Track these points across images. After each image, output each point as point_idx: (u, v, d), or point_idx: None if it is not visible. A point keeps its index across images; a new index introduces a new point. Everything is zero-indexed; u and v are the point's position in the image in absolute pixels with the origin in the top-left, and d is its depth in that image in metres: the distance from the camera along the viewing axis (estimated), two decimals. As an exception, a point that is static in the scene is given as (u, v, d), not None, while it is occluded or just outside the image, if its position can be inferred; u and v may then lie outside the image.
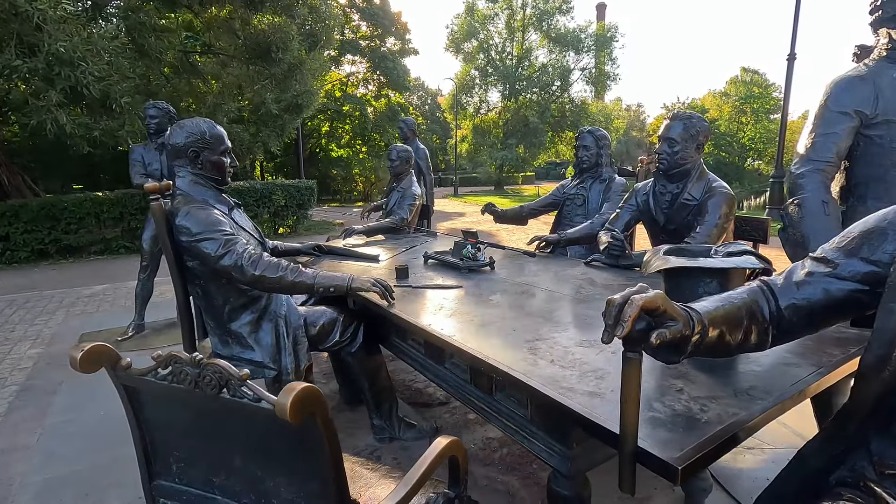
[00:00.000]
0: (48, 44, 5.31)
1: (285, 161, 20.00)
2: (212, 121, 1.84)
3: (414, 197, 3.57)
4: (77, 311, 4.55)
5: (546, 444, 1.26)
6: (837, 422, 0.80)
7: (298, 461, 0.69)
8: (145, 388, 0.79)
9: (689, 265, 1.08)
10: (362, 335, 2.06)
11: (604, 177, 2.96)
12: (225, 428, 0.75)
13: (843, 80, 1.58)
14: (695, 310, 0.80)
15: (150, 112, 3.69)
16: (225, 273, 1.67)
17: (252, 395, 0.67)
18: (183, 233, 1.66)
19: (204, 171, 1.79)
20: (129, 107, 6.43)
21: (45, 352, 3.49)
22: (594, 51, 31.44)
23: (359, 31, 22.16)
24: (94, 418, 2.49)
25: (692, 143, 2.11)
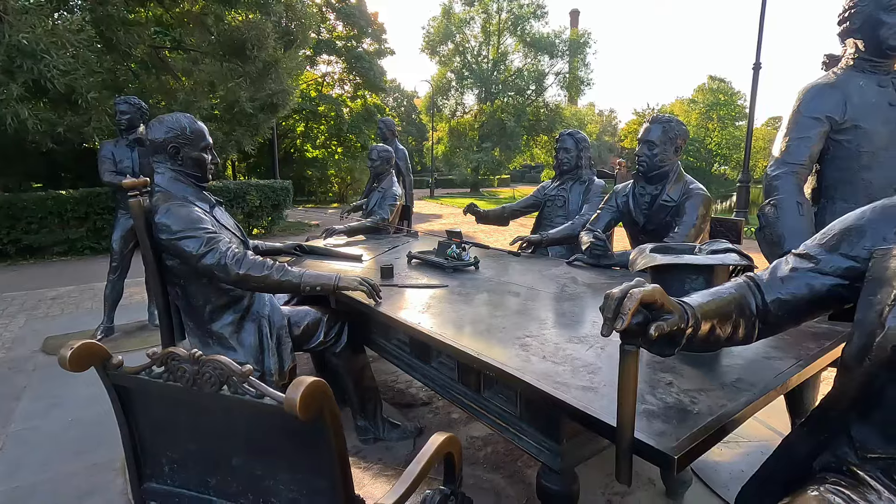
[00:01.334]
0: (9, 35, 5.08)
1: (259, 161, 19.60)
2: (192, 116, 1.79)
3: (395, 197, 3.56)
4: (40, 314, 4.35)
5: (535, 440, 1.27)
6: (821, 410, 0.84)
7: (303, 458, 0.68)
8: (138, 387, 0.76)
9: (676, 262, 1.12)
10: (347, 335, 2.04)
11: (584, 179, 3.01)
12: (223, 426, 0.73)
13: (814, 88, 1.66)
14: (688, 304, 0.82)
15: (120, 108, 3.56)
16: (207, 272, 1.63)
17: (255, 391, 0.65)
18: (163, 231, 1.61)
19: (184, 167, 1.74)
20: (95, 102, 6.22)
21: (5, 357, 3.33)
22: (568, 56, 32.01)
23: (335, 31, 21.94)
24: (60, 425, 2.39)
25: (671, 145, 2.17)
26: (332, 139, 22.29)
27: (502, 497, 1.83)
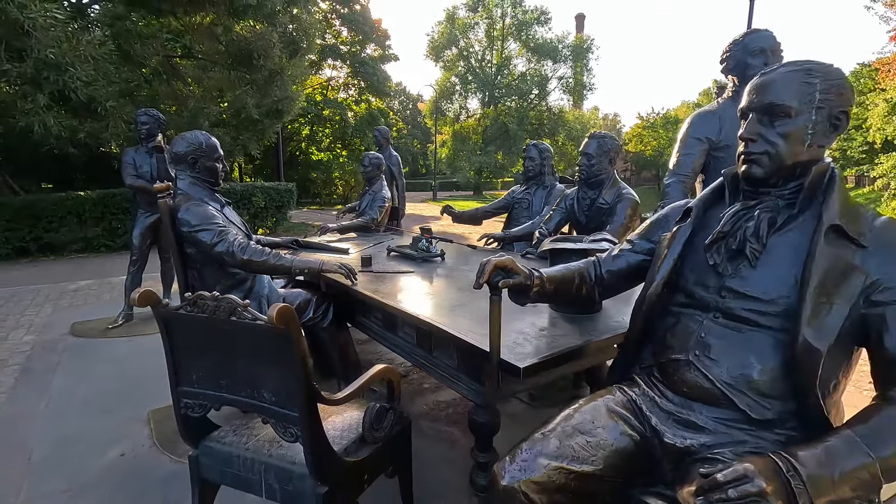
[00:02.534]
0: (37, 49, 5.57)
1: (265, 164, 20.11)
2: (207, 133, 2.23)
3: (384, 200, 3.98)
4: (64, 304, 4.81)
5: (467, 384, 1.68)
6: (626, 341, 1.24)
7: (280, 359, 1.09)
8: (176, 319, 1.19)
9: (560, 247, 1.53)
10: (332, 313, 2.47)
11: (546, 184, 3.42)
12: (230, 343, 1.15)
13: (699, 114, 2.07)
14: (539, 270, 1.24)
15: (141, 119, 4.01)
16: (218, 258, 2.06)
17: (251, 316, 1.08)
18: (184, 224, 2.04)
19: (201, 174, 2.18)
20: (113, 110, 6.69)
21: (39, 338, 3.78)
22: (571, 61, 32.36)
23: (339, 37, 22.46)
24: (91, 392, 2.82)
25: (605, 157, 2.58)
26: (337, 142, 22.81)
27: (456, 444, 2.24)
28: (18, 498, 1.88)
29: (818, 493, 0.78)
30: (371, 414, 1.36)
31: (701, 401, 1.04)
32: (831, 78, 1.00)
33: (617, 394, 1.15)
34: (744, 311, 1.01)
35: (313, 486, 1.19)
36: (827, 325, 0.91)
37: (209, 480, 1.36)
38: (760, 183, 1.06)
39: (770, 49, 1.93)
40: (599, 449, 1.03)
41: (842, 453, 0.82)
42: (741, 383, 0.99)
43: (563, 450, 1.02)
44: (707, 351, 1.04)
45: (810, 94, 0.99)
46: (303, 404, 1.11)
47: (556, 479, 0.99)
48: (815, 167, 1.01)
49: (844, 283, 0.93)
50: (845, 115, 1.01)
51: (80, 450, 2.21)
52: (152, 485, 1.95)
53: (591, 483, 1.01)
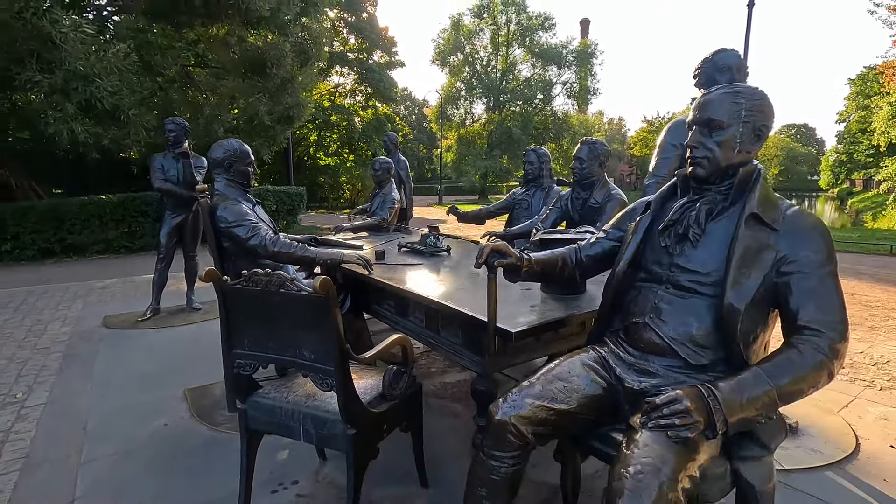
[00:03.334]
0: (67, 61, 5.93)
1: (275, 168, 20.52)
2: (241, 141, 2.53)
3: (394, 201, 4.27)
4: (94, 300, 5.12)
5: (470, 358, 1.95)
6: (601, 309, 1.51)
7: (318, 323, 1.37)
8: (234, 292, 1.47)
9: (548, 237, 1.81)
10: (349, 302, 2.75)
11: (545, 186, 3.69)
12: (279, 311, 1.43)
13: (675, 123, 2.34)
14: (528, 254, 1.51)
15: (169, 127, 4.32)
16: (252, 250, 2.34)
17: (297, 288, 1.36)
18: (222, 221, 2.33)
19: (235, 177, 2.47)
20: (135, 117, 7.04)
21: (75, 329, 4.09)
22: (575, 66, 32.64)
23: (347, 44, 22.90)
24: (130, 374, 3.11)
25: (595, 161, 2.85)
26: (344, 147, 23.20)
27: (459, 416, 2.51)
28: (80, 458, 2.16)
29: (730, 412, 1.05)
30: (389, 374, 1.64)
31: (654, 353, 1.30)
32: (754, 98, 1.27)
33: (590, 352, 1.42)
34: (687, 282, 1.28)
35: (344, 429, 1.46)
36: (745, 289, 1.18)
37: (255, 430, 1.64)
38: (703, 181, 1.33)
39: (735, 67, 2.19)
40: (574, 392, 1.30)
41: (749, 383, 1.09)
42: (683, 338, 1.26)
43: (545, 392, 1.28)
44: (659, 314, 1.31)
45: (738, 111, 1.26)
46: (337, 360, 1.38)
47: (539, 414, 1.25)
48: (742, 168, 1.28)
49: (760, 258, 1.20)
50: (766, 128, 1.28)
51: (126, 421, 2.50)
52: (194, 449, 2.23)
53: (567, 418, 1.28)
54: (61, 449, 2.24)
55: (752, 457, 1.19)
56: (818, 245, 1.19)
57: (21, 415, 2.56)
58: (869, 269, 6.54)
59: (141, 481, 1.99)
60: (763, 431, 1.18)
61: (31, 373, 3.14)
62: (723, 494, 1.21)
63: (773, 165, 57.61)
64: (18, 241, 7.57)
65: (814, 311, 1.15)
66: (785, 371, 1.10)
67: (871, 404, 2.58)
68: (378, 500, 1.85)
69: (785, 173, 63.34)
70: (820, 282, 1.16)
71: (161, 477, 2.02)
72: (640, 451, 1.03)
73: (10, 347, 3.62)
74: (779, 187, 64.88)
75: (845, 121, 34.13)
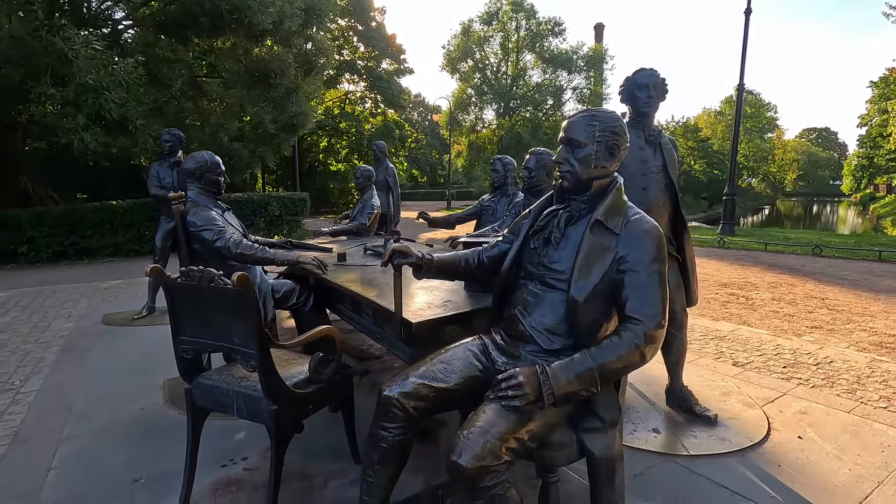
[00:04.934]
0: (78, 75, 6.33)
1: (285, 175, 21.06)
2: (211, 152, 2.79)
3: (373, 207, 4.51)
4: (98, 300, 5.47)
5: (403, 350, 2.16)
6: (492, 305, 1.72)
7: (243, 312, 1.61)
8: (175, 286, 1.72)
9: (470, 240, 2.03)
10: (312, 300, 2.99)
11: (509, 193, 3.89)
12: (212, 303, 1.67)
13: None
14: (431, 255, 1.73)
15: (164, 137, 4.65)
16: (217, 252, 2.60)
17: (224, 283, 1.60)
18: (192, 225, 2.59)
19: (206, 186, 2.74)
20: (142, 127, 7.44)
21: (76, 326, 4.41)
22: (586, 71, 32.69)
23: (357, 53, 23.39)
24: (118, 365, 3.40)
25: (543, 171, 3.06)
26: (353, 154, 23.66)
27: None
28: (62, 435, 2.43)
29: (558, 386, 1.26)
30: (315, 360, 1.87)
31: (520, 340, 1.51)
32: (607, 121, 1.47)
33: (476, 340, 1.64)
34: (549, 279, 1.49)
35: (267, 405, 1.70)
36: (585, 285, 1.38)
37: (200, 407, 1.88)
38: (569, 192, 1.54)
39: (652, 84, 2.38)
40: (453, 373, 1.51)
41: (577, 361, 1.29)
42: (541, 327, 1.46)
43: (427, 373, 1.50)
44: (526, 307, 1.51)
45: (593, 132, 1.47)
46: (257, 344, 1.62)
47: (420, 390, 1.47)
48: (596, 181, 1.48)
49: (601, 258, 1.40)
50: (617, 146, 1.48)
51: (108, 405, 2.77)
52: (163, 430, 2.49)
53: (445, 394, 1.49)
54: (47, 427, 2.52)
55: (593, 428, 1.39)
56: (648, 247, 1.39)
57: (16, 399, 2.86)
58: (851, 275, 6.59)
59: (112, 455, 2.25)
60: (600, 407, 1.38)
61: (31, 363, 3.44)
62: (569, 460, 1.41)
63: (791, 170, 56.64)
64: (34, 244, 8.01)
65: (637, 303, 1.34)
66: (606, 353, 1.30)
67: (797, 400, 2.72)
68: (313, 474, 2.07)
69: (805, 178, 62.17)
70: (647, 278, 1.36)
71: (130, 452, 2.27)
72: (477, 417, 1.24)
73: (15, 341, 3.94)
74: (799, 192, 63.72)
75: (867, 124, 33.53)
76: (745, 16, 10.68)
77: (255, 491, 1.97)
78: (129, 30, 9.12)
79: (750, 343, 3.72)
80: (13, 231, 7.91)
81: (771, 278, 6.40)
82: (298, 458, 2.16)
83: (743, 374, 3.11)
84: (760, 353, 3.49)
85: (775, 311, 4.72)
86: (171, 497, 1.91)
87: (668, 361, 2.56)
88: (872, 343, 3.79)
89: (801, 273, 6.74)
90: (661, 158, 2.44)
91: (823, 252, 8.30)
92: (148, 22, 8.19)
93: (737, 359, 3.39)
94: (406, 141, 32.89)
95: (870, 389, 2.87)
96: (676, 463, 2.13)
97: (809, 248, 8.51)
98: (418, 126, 42.29)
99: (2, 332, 4.17)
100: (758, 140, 44.55)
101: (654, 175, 2.42)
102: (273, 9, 8.35)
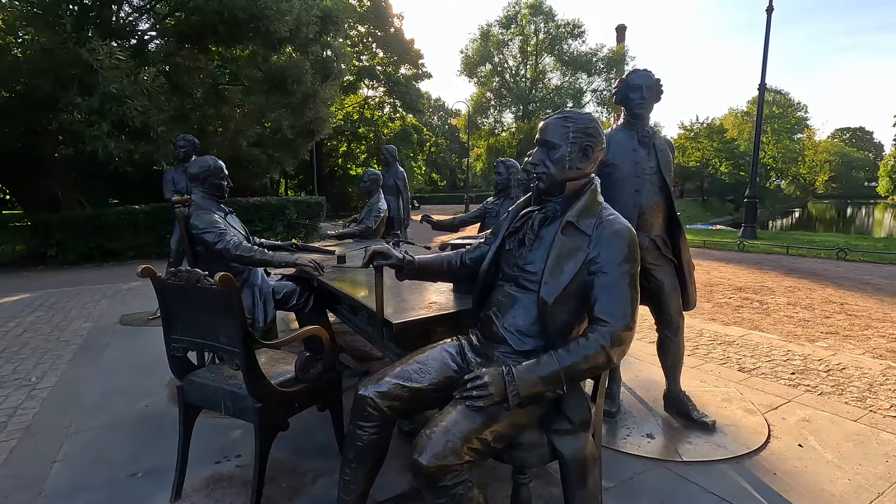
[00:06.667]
0: (103, 85, 6.59)
1: (306, 179, 21.41)
2: (215, 157, 2.87)
3: (379, 211, 4.55)
4: (118, 301, 5.66)
5: (393, 350, 2.19)
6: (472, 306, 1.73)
7: (228, 312, 1.66)
8: (166, 286, 1.78)
9: (457, 243, 2.04)
10: (312, 301, 3.04)
11: (512, 195, 3.89)
12: (199, 302, 1.73)
13: None
14: (412, 256, 1.75)
15: (179, 143, 4.81)
16: (218, 254, 2.67)
17: (209, 282, 1.65)
18: (194, 228, 2.67)
19: (209, 189, 2.82)
20: (164, 134, 7.69)
21: (95, 325, 4.58)
22: (606, 73, 32.36)
23: (375, 58, 23.66)
24: (131, 363, 3.51)
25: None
26: (372, 158, 23.90)
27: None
28: (70, 429, 2.53)
29: (523, 388, 1.26)
30: (300, 360, 1.90)
31: (493, 340, 1.52)
32: (580, 123, 1.47)
33: (453, 341, 1.65)
34: (523, 280, 1.49)
35: (252, 402, 1.74)
36: (555, 286, 1.38)
37: (190, 404, 1.94)
38: (545, 193, 1.54)
39: (646, 86, 2.36)
40: (427, 374, 1.53)
41: (543, 363, 1.29)
42: (513, 328, 1.47)
43: (402, 373, 1.52)
44: (500, 308, 1.52)
45: (566, 133, 1.47)
46: (241, 343, 1.66)
47: (394, 390, 1.49)
48: (570, 182, 1.48)
49: (572, 259, 1.40)
50: (591, 147, 1.48)
51: (117, 401, 2.87)
52: (165, 427, 2.56)
53: (419, 394, 1.50)
54: (57, 422, 2.62)
55: (563, 430, 1.38)
56: (619, 248, 1.38)
57: (31, 395, 2.98)
58: (876, 279, 6.34)
59: (116, 449, 2.34)
60: (569, 408, 1.38)
61: (48, 361, 3.59)
62: (541, 462, 1.41)
63: (823, 172, 54.75)
64: (62, 246, 8.35)
65: (605, 304, 1.34)
66: (572, 354, 1.30)
67: (802, 407, 2.64)
68: (304, 471, 2.11)
69: (838, 179, 60.06)
70: (616, 280, 1.35)
71: (132, 447, 2.35)
72: (440, 416, 1.26)
73: (37, 340, 4.12)
74: (831, 195, 61.54)
75: (903, 123, 32.24)
76: (767, 14, 10.44)
77: (245, 487, 2.01)
78: (154, 40, 9.45)
79: (759, 348, 3.62)
80: (43, 234, 8.26)
81: (789, 282, 6.21)
82: (289, 455, 2.20)
83: (748, 380, 3.03)
84: (769, 359, 3.39)
85: (790, 317, 4.58)
86: (165, 490, 1.97)
87: (665, 365, 2.52)
88: (890, 350, 3.65)
89: (821, 277, 6.52)
90: (655, 160, 2.41)
91: (848, 256, 8.01)
92: (170, 32, 8.47)
93: (743, 364, 3.31)
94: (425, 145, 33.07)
95: (881, 398, 2.77)
96: (667, 469, 2.10)
97: (833, 251, 8.22)
98: (437, 130, 42.43)
99: (25, 331, 4.36)
100: (786, 141, 43.23)
101: (648, 176, 2.39)
102: (290, 17, 8.54)
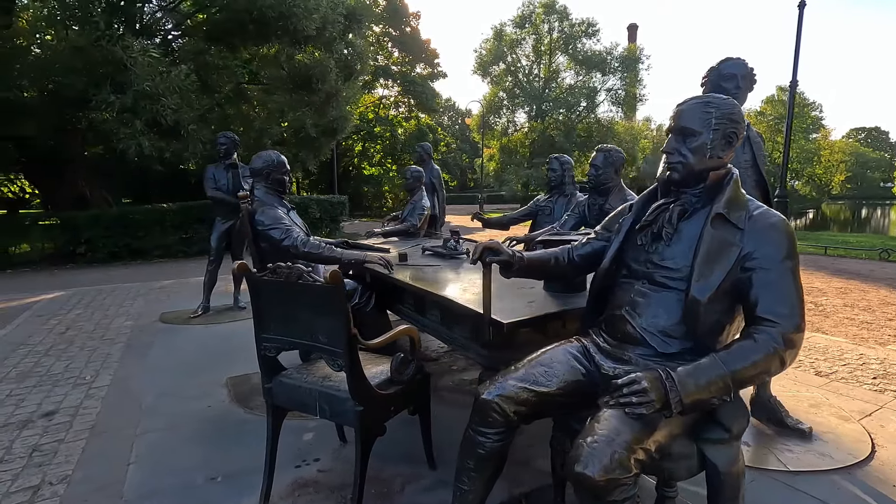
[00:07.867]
0: (136, 83, 6.57)
1: (321, 178, 21.41)
2: (278, 152, 2.80)
3: (423, 209, 4.47)
4: (153, 299, 5.62)
5: (477, 352, 2.08)
6: (587, 304, 1.62)
7: (330, 309, 1.57)
8: (262, 283, 1.69)
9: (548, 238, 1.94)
10: (374, 300, 2.95)
11: (567, 192, 3.78)
12: (298, 300, 1.64)
13: None
14: (521, 252, 1.65)
15: (220, 140, 4.74)
16: (284, 251, 2.59)
17: (313, 279, 1.56)
18: (259, 224, 2.60)
19: (273, 185, 2.74)
20: (193, 132, 7.66)
21: (136, 324, 4.53)
22: (620, 72, 32.07)
23: (392, 58, 23.62)
24: (179, 362, 3.45)
25: (611, 168, 2.94)
26: (387, 158, 23.87)
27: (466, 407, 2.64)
28: (136, 430, 2.46)
29: (686, 394, 1.15)
30: (397, 361, 1.81)
31: (629, 343, 1.41)
32: (724, 108, 1.36)
33: (574, 342, 1.54)
34: (660, 278, 1.38)
35: (353, 405, 1.65)
36: (708, 284, 1.27)
37: (279, 406, 1.85)
38: (679, 184, 1.43)
39: (741, 75, 2.24)
40: (554, 377, 1.42)
41: (705, 367, 1.18)
42: (654, 328, 1.36)
43: (527, 376, 1.42)
44: (635, 307, 1.41)
45: (708, 120, 1.36)
46: (346, 343, 1.57)
47: (521, 395, 1.39)
48: (713, 172, 1.37)
49: (724, 254, 1.29)
50: (735, 134, 1.37)
51: (174, 401, 2.80)
52: (231, 428, 2.49)
53: (546, 399, 1.40)
54: (121, 422, 2.55)
55: (717, 439, 1.27)
56: (779, 242, 1.27)
57: (89, 394, 2.92)
58: (927, 281, 6.15)
59: (185, 451, 2.26)
60: (725, 416, 1.27)
61: (99, 359, 3.54)
62: (690, 474, 1.30)
63: (838, 172, 54.03)
64: (91, 244, 8.36)
65: (771, 303, 1.23)
66: (739, 358, 1.19)
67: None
68: (389, 477, 2.02)
69: (853, 180, 59.16)
70: (779, 276, 1.24)
71: (202, 449, 2.27)
72: (598, 424, 1.15)
73: (81, 338, 4.07)
74: (846, 196, 60.67)
75: (921, 123, 31.63)
76: (799, 9, 10.20)
77: (332, 493, 1.93)
78: (180, 38, 9.45)
79: (829, 352, 3.48)
80: (72, 232, 8.27)
81: (839, 283, 6.03)
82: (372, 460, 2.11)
83: (829, 384, 2.90)
84: (844, 363, 3.25)
85: (850, 318, 4.42)
86: (250, 496, 1.89)
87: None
88: (967, 354, 3.49)
89: (870, 278, 6.34)
90: (750, 153, 2.29)
91: (892, 257, 7.79)
92: (198, 30, 8.45)
93: (818, 368, 3.17)
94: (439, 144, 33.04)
95: (977, 404, 2.63)
96: (773, 479, 1.98)
97: (875, 252, 8.01)
98: (450, 130, 42.31)
99: (69, 329, 4.32)
100: (802, 141, 42.62)
101: (745, 171, 2.27)
102: (317, 15, 8.49)
